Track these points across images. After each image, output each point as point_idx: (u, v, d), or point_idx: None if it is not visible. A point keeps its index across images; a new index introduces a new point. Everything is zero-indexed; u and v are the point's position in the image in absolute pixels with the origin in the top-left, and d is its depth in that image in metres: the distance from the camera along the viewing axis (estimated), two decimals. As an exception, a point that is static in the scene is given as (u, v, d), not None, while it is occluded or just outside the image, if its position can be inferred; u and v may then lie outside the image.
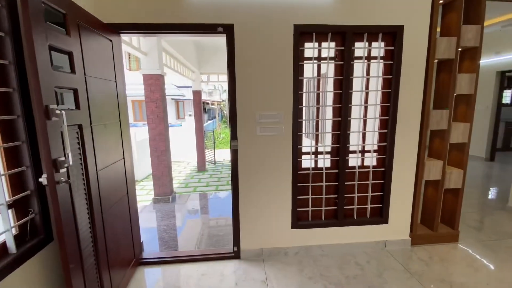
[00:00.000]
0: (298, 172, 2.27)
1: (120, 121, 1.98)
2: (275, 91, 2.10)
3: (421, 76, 2.19)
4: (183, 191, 5.30)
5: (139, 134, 6.47)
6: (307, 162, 2.31)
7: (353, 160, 2.33)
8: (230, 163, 2.22)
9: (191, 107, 9.92)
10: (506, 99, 7.30)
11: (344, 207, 2.37)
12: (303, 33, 2.08)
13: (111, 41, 1.90)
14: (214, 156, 7.76)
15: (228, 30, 1.99)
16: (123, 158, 2.01)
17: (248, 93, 2.08)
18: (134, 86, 11.52)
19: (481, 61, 6.74)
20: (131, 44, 3.36)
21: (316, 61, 2.18)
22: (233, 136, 2.12)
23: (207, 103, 18.92)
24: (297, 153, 2.21)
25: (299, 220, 2.35)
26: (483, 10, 2.20)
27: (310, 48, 2.14)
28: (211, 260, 2.30)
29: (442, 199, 2.58)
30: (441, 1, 2.24)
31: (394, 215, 2.37)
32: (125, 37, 3.11)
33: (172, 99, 17.03)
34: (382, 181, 2.35)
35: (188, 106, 18.57)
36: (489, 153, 5.76)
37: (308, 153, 2.31)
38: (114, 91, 1.92)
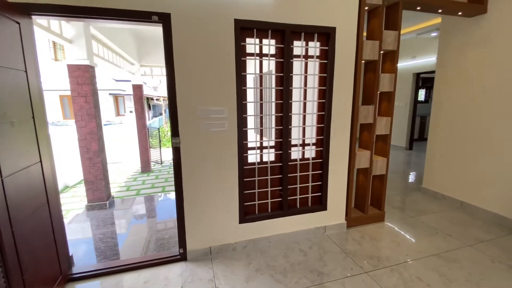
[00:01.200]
0: (245, 167, 2.29)
1: (33, 118, 1.69)
2: (218, 86, 2.06)
3: (351, 75, 2.41)
4: (124, 195, 4.86)
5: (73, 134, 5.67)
6: (253, 157, 2.34)
7: (295, 153, 2.46)
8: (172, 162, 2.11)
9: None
10: (421, 97, 8.66)
11: (288, 198, 2.49)
12: (244, 29, 2.08)
13: (18, 23, 1.59)
14: (161, 156, 7.32)
15: (164, 19, 1.87)
16: (40, 161, 1.72)
17: (189, 88, 1.99)
18: (61, 79, 10.05)
19: (400, 64, 7.76)
20: (49, 29, 2.89)
21: (258, 58, 2.21)
22: (174, 132, 2.02)
23: (152, 99, 17.69)
24: (243, 149, 2.22)
25: (246, 215, 2.38)
26: (400, 18, 2.53)
27: (251, 44, 2.15)
28: (155, 265, 2.17)
29: (371, 185, 2.93)
30: (366, 8, 2.49)
31: (331, 202, 2.59)
32: (40, 19, 2.66)
33: (110, 94, 15.42)
34: (321, 172, 2.53)
35: (130, 102, 17.07)
36: (408, 143, 6.76)
37: (254, 148, 2.35)
38: (24, 82, 1.62)
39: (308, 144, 2.50)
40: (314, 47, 2.32)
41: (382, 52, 2.67)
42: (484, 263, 2.11)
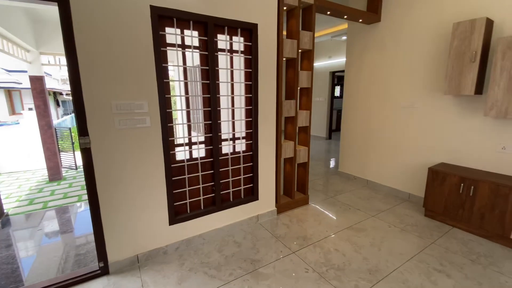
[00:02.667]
0: (172, 165, 2.18)
1: None
2: (136, 78, 1.87)
3: (274, 71, 2.55)
4: (27, 210, 3.99)
5: None
6: (182, 154, 2.24)
7: (226, 148, 2.47)
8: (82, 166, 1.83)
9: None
10: (337, 93, 9.88)
11: (221, 193, 2.49)
12: (162, 17, 1.95)
13: None
14: (75, 160, 6.29)
15: (59, -2, 1.58)
16: None
17: (99, 80, 1.75)
18: None
19: (318, 63, 8.58)
20: None
21: (180, 49, 2.11)
22: (82, 131, 1.75)
23: (61, 93, 14.96)
24: (168, 146, 2.10)
25: (177, 215, 2.28)
26: (313, 20, 2.79)
27: (172, 34, 2.03)
28: (71, 286, 1.87)
29: (296, 172, 3.20)
30: (285, 8, 2.66)
31: (262, 191, 2.72)
32: None
33: (1, 87, 12.34)
34: (251, 164, 2.62)
35: (30, 98, 14.00)
36: (328, 134, 7.65)
37: (182, 145, 2.25)
38: None
39: (238, 138, 2.55)
40: (238, 42, 2.35)
41: (300, 50, 2.91)
42: (384, 229, 2.58)
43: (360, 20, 3.41)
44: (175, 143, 2.20)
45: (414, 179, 3.21)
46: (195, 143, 2.31)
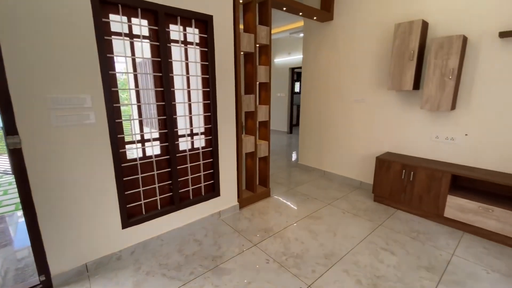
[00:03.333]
0: (123, 164, 2.02)
1: None
2: (75, 69, 1.68)
3: (231, 65, 2.52)
4: None
5: None
6: (134, 152, 2.09)
7: (184, 144, 2.38)
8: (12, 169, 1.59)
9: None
10: (297, 89, 10.20)
11: (180, 191, 2.40)
12: (105, 2, 1.77)
13: None
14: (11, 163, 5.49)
15: (-31, -29, 1.33)
16: None
17: (30, 70, 1.52)
18: None
19: (279, 59, 8.69)
20: None
21: (128, 39, 1.95)
22: (10, 129, 1.52)
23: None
24: (117, 144, 1.94)
25: (131, 217, 2.13)
26: (269, 15, 2.81)
27: (117, 22, 1.86)
28: (1, 307, 1.63)
29: (258, 166, 3.24)
30: (241, 1, 2.63)
31: (224, 187, 2.69)
32: None
33: None
34: (211, 160, 2.57)
35: None
36: (289, 128, 7.89)
37: (133, 142, 2.10)
38: None
39: (197, 134, 2.47)
40: (193, 34, 2.26)
41: (258, 45, 2.92)
42: (338, 215, 2.76)
43: (315, 18, 3.54)
44: (126, 140, 2.04)
45: (365, 168, 3.49)
46: (148, 140, 2.17)
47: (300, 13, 3.34)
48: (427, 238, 2.34)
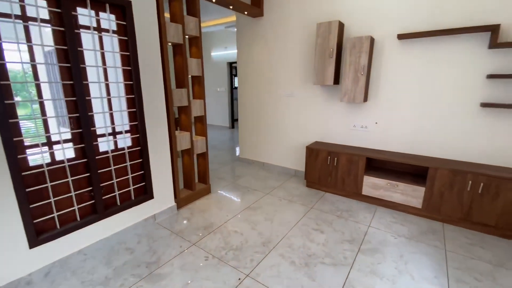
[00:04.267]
0: (25, 173, 1.69)
1: None
2: None
3: (158, 56, 2.34)
4: None
5: None
6: (39, 156, 1.77)
7: (105, 144, 2.12)
8: None
9: None
10: (236, 83, 10.24)
11: (104, 197, 2.15)
12: (-22, -27, 1.41)
13: None
14: None
15: None
16: None
17: None
18: None
19: (216, 53, 8.52)
20: None
21: (20, 21, 1.61)
22: None
23: None
24: (14, 148, 1.61)
25: (41, 233, 1.81)
26: (197, 5, 2.70)
27: (4, 1, 1.52)
28: None
29: (196, 163, 3.15)
30: (165, -12, 2.46)
31: (158, 189, 2.52)
32: None
33: None
34: (141, 160, 2.37)
35: None
36: (230, 123, 7.90)
37: (37, 146, 1.77)
38: None
39: (121, 132, 2.23)
40: (108, 20, 2.01)
41: (187, 36, 2.79)
42: (276, 203, 2.90)
43: (246, 13, 3.58)
44: (27, 144, 1.71)
45: (298, 157, 3.75)
46: (57, 142, 1.86)
47: (231, 7, 3.32)
48: (349, 215, 2.66)
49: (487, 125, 2.44)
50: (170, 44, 2.58)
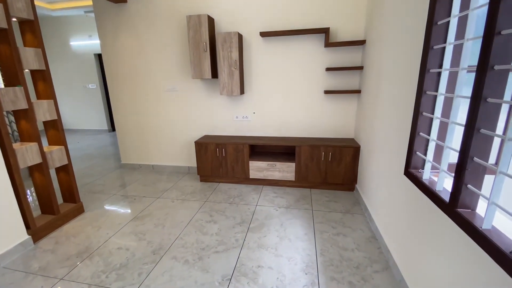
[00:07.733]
0: None
1: None
2: None
3: (-41, 44, 1.68)
4: None
5: None
6: None
7: None
8: None
9: None
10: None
11: None
12: None
13: None
14: None
15: None
16: None
17: None
18: None
19: (78, 43, 7.11)
20: None
21: None
22: None
23: None
24: None
25: None
26: (24, -20, 2.09)
27: None
28: None
29: (58, 180, 2.54)
30: None
31: (-6, 223, 1.88)
32: None
33: None
34: (-47, 191, 1.68)
35: None
36: (110, 125, 6.82)
37: None
38: None
39: None
40: None
41: (15, 19, 2.13)
42: (168, 206, 2.75)
43: (103, -4, 3.08)
44: None
45: (189, 153, 3.67)
46: None
47: (80, -13, 2.76)
48: (240, 199, 2.85)
49: (329, 107, 3.14)
50: (-18, 27, 1.90)
